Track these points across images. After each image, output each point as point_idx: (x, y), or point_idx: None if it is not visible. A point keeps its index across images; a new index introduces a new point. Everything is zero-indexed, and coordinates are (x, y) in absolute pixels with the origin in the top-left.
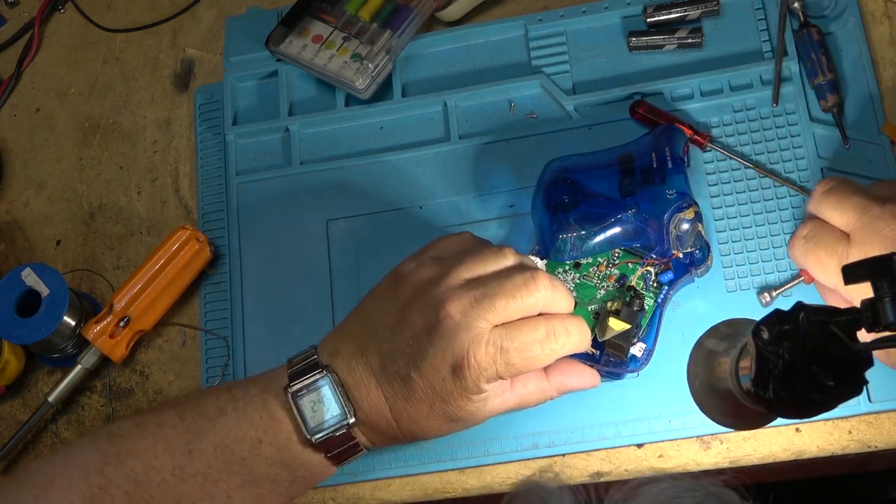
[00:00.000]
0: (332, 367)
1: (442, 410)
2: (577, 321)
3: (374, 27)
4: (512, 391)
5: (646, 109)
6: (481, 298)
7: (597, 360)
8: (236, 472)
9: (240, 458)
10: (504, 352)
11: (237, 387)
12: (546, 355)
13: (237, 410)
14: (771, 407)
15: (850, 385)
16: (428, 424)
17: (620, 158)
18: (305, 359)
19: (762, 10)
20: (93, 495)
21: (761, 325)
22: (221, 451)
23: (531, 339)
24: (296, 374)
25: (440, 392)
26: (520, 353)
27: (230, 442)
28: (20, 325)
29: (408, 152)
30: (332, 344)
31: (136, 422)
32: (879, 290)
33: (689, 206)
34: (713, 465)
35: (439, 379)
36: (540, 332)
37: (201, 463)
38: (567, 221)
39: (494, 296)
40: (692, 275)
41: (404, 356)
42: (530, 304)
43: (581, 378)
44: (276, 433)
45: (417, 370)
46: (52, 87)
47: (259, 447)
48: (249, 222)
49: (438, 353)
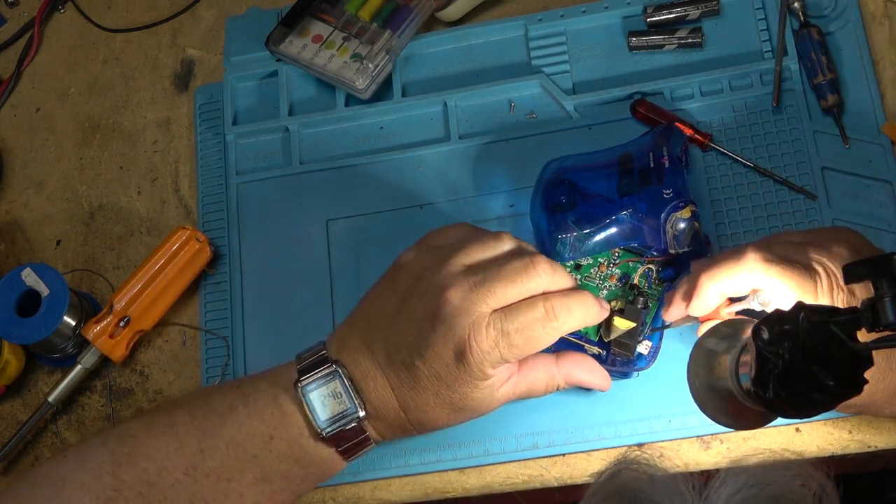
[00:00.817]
0: (340, 361)
1: (448, 398)
2: (577, 297)
3: (374, 27)
4: (520, 376)
5: (647, 108)
6: (481, 283)
7: (604, 361)
8: (248, 470)
9: (251, 455)
10: (505, 334)
11: (246, 383)
12: (548, 334)
13: (247, 407)
14: (771, 407)
15: (850, 385)
16: (436, 413)
17: (619, 159)
18: (314, 354)
19: (762, 10)
20: (107, 497)
21: (761, 325)
22: (233, 449)
23: (531, 318)
24: (305, 368)
25: (445, 379)
26: (521, 333)
27: (241, 439)
28: (20, 325)
29: (408, 152)
30: (340, 338)
31: (146, 422)
32: (879, 290)
33: (686, 205)
34: (713, 465)
35: (443, 365)
36: (539, 311)
37: (214, 461)
38: (565, 222)
39: (494, 280)
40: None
41: (407, 345)
42: (530, 289)
43: (591, 374)
44: (287, 428)
45: (421, 357)
46: (52, 87)
47: (270, 443)
48: (249, 222)
49: (440, 338)
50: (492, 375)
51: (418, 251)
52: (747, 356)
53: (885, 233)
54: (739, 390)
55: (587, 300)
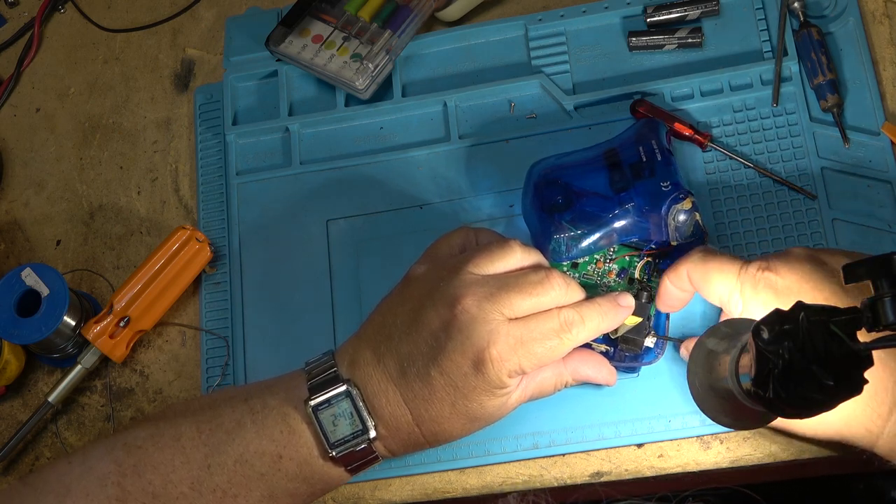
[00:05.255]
0: (352, 380)
1: (465, 408)
2: (590, 307)
3: (374, 27)
4: (528, 378)
5: (647, 108)
6: (496, 292)
7: (611, 357)
8: (255, 488)
9: (259, 473)
10: (522, 343)
11: (254, 395)
12: (564, 345)
13: (256, 424)
14: (771, 407)
15: (850, 385)
16: (451, 424)
17: (604, 154)
18: (325, 370)
19: (762, 10)
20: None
21: (761, 324)
22: (241, 466)
23: (548, 328)
24: (316, 386)
25: (462, 388)
26: (539, 343)
27: (249, 457)
28: (20, 325)
29: (408, 152)
30: (350, 352)
31: (152, 432)
32: (879, 290)
33: (686, 196)
34: (713, 465)
35: (461, 375)
36: (554, 321)
37: (220, 478)
38: (563, 222)
39: (510, 290)
40: None
41: (422, 356)
42: (544, 303)
43: (598, 370)
44: (297, 448)
45: (437, 368)
46: (52, 87)
47: (279, 462)
48: (249, 222)
49: (458, 347)
50: (509, 384)
51: (428, 263)
52: (747, 356)
53: (885, 233)
54: (739, 390)
55: (601, 308)
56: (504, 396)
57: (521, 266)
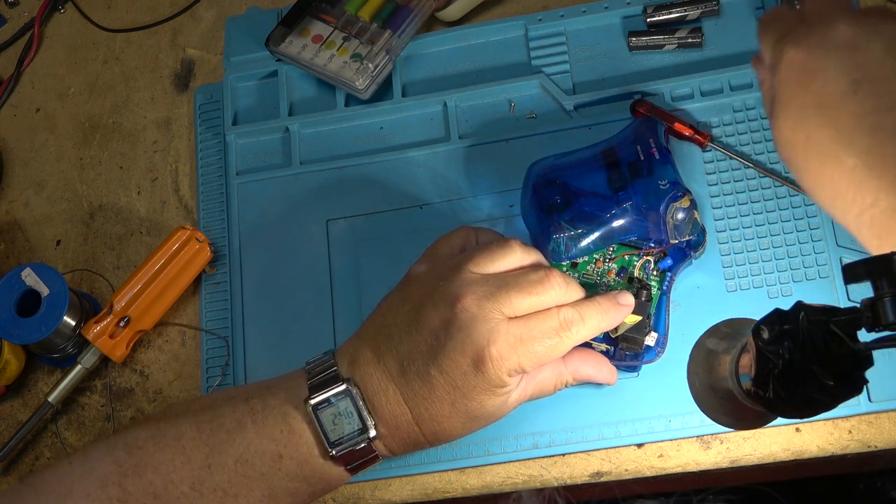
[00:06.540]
0: (352, 379)
1: (464, 407)
2: (590, 306)
3: (374, 27)
4: (529, 378)
5: (647, 108)
6: (496, 291)
7: (612, 357)
8: (256, 488)
9: (260, 472)
10: (522, 342)
11: (255, 395)
12: (564, 343)
13: (256, 424)
14: (771, 407)
15: (850, 385)
16: (450, 423)
17: (602, 154)
18: (325, 369)
19: (762, 9)
20: None
21: (761, 324)
22: (241, 466)
23: (548, 327)
24: (316, 385)
25: (462, 388)
26: (539, 342)
27: (250, 457)
28: (20, 325)
29: (408, 152)
30: (350, 352)
31: (152, 432)
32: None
33: (684, 194)
34: (713, 465)
35: (460, 374)
36: (554, 320)
37: (221, 478)
38: (561, 222)
39: (510, 289)
40: (691, 258)
41: (422, 354)
42: (544, 302)
43: (598, 369)
44: (297, 448)
45: (437, 366)
46: (52, 87)
47: (280, 462)
48: (249, 222)
49: (458, 346)
50: (509, 383)
51: (428, 262)
52: (747, 356)
53: None
54: (739, 390)
55: (601, 306)
56: (504, 395)
57: (521, 265)
